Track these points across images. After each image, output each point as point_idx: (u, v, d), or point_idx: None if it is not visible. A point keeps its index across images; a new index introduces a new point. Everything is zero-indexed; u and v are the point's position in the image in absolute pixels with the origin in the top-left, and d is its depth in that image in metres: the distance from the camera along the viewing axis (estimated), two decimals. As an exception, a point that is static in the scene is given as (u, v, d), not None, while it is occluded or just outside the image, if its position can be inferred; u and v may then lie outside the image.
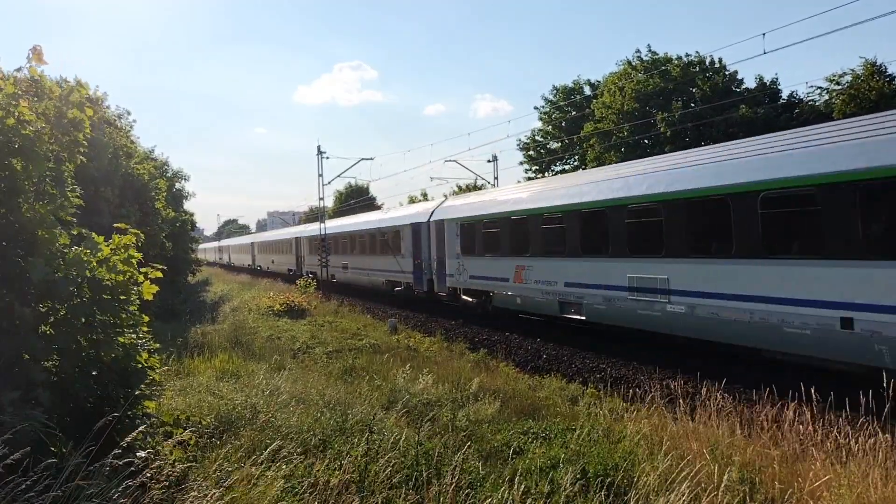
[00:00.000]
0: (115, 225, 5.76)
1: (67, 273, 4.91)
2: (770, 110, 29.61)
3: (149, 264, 5.87)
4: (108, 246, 5.35)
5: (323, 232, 38.73)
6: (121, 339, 5.31)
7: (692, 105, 32.52)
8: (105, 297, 5.16)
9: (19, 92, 4.93)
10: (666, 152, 32.95)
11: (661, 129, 31.72)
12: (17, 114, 4.74)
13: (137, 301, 5.63)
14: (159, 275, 5.80)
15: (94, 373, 5.13)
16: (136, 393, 5.35)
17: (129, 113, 22.03)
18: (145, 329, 5.79)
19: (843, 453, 6.07)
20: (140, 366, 5.45)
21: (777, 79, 36.47)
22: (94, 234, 5.43)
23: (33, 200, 4.90)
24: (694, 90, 33.93)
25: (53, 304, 4.96)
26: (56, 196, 5.04)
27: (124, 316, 5.39)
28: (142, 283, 5.65)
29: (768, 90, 31.85)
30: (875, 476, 5.28)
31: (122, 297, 5.36)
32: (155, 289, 5.78)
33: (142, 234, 5.94)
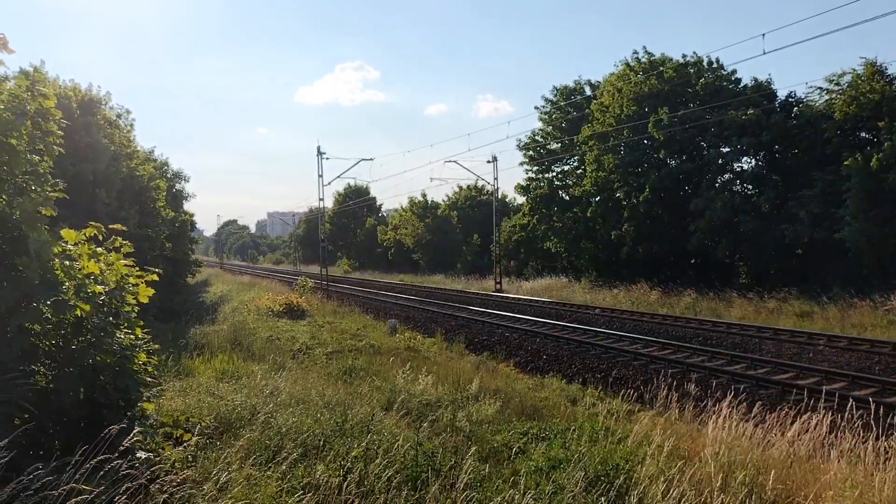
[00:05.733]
0: (112, 227, 5.68)
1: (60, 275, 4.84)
2: (764, 112, 29.43)
3: (145, 267, 5.81)
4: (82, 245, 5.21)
5: (322, 234, 38.57)
6: (115, 342, 5.23)
7: (691, 106, 32.46)
8: (97, 301, 5.08)
9: None
10: (662, 156, 33.12)
11: (654, 134, 31.63)
12: None
13: (135, 302, 5.58)
14: (155, 278, 5.74)
15: (87, 376, 5.05)
16: (135, 395, 5.31)
17: (128, 112, 21.92)
18: (140, 333, 5.72)
19: (837, 454, 6.06)
20: (136, 368, 5.39)
21: (771, 79, 36.28)
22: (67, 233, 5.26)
23: (13, 195, 4.82)
24: (690, 90, 33.81)
25: (39, 306, 4.84)
26: (37, 192, 4.94)
27: (115, 319, 5.31)
28: (137, 285, 5.58)
29: (764, 91, 31.64)
30: (880, 478, 5.26)
31: (114, 302, 5.29)
32: (151, 292, 5.71)
33: (105, 227, 5.68)
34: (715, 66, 34.02)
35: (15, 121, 4.82)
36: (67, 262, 5.03)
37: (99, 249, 5.35)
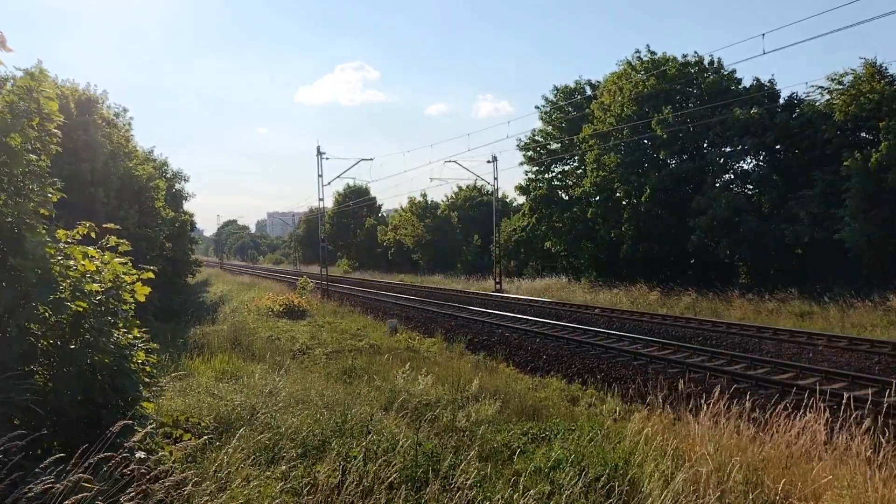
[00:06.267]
0: (106, 226, 5.65)
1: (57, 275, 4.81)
2: (768, 112, 29.47)
3: (140, 266, 5.77)
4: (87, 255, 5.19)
5: (322, 234, 38.56)
6: (113, 341, 5.20)
7: (691, 105, 32.48)
8: (94, 300, 5.06)
9: None
10: (663, 156, 33.16)
11: (657, 132, 31.61)
12: None
13: (132, 301, 5.55)
14: (151, 275, 5.71)
15: (85, 376, 5.03)
16: (133, 395, 5.29)
17: (126, 111, 21.87)
18: (137, 332, 5.69)
19: (836, 454, 6.05)
20: (133, 367, 5.36)
21: (774, 79, 36.30)
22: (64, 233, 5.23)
23: (12, 194, 4.80)
24: (692, 90, 33.85)
25: (36, 305, 4.81)
26: (35, 192, 4.92)
27: (113, 318, 5.29)
28: (133, 283, 5.56)
29: (766, 91, 31.69)
30: (876, 477, 5.25)
31: (111, 301, 5.27)
32: (147, 290, 5.68)
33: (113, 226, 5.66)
34: (716, 65, 34.06)
35: (14, 121, 4.79)
36: (63, 261, 5.02)
37: (90, 249, 5.31)
